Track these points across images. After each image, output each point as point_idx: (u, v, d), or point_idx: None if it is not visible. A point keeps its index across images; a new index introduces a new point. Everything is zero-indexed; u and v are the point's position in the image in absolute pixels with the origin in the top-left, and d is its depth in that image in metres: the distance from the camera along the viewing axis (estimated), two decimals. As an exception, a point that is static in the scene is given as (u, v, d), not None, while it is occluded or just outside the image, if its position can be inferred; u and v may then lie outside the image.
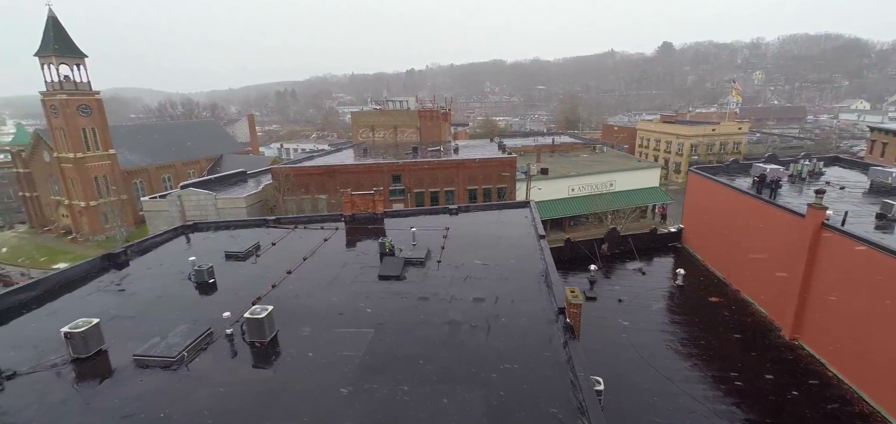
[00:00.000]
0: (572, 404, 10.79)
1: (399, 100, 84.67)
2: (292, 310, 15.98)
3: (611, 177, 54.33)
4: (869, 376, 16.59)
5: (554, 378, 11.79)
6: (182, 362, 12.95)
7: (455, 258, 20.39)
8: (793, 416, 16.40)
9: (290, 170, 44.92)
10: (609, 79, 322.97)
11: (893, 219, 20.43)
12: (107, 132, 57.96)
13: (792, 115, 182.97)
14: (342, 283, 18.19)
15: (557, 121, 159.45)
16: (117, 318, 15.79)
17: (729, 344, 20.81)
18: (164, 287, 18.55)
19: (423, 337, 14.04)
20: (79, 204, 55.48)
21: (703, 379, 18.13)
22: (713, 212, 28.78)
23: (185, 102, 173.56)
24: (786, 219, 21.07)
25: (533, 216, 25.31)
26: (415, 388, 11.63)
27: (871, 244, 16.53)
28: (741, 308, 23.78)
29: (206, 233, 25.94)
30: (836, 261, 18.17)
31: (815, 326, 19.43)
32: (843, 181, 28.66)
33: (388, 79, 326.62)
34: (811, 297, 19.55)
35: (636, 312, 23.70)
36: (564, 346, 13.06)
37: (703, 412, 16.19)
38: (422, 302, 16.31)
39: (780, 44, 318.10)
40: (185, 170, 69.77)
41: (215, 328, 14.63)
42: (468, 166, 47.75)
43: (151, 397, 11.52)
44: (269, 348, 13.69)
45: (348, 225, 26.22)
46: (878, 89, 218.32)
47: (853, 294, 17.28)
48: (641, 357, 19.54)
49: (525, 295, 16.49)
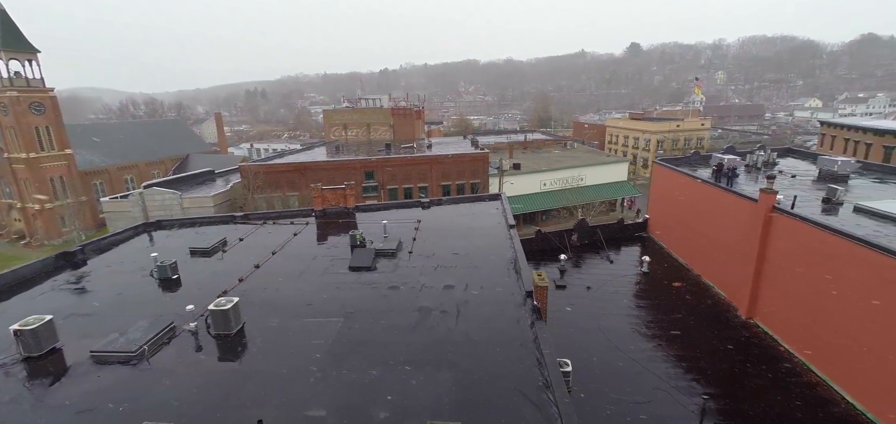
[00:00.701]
0: (538, 380, 11.08)
1: (372, 99, 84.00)
2: (260, 303, 15.74)
3: (581, 172, 55.60)
4: (815, 348, 17.66)
5: (521, 358, 12.06)
6: (143, 356, 12.58)
7: (426, 248, 20.50)
8: (748, 388, 17.29)
9: (260, 167, 43.97)
10: (580, 79, 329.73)
11: (838, 203, 21.75)
12: (63, 131, 55.16)
13: (751, 113, 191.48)
14: (312, 275, 18.01)
15: (530, 120, 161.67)
16: (73, 316, 15.17)
17: (689, 326, 21.70)
18: (124, 285, 17.91)
19: (393, 324, 14.10)
20: (33, 207, 52.60)
21: (665, 359, 18.86)
22: (676, 201, 29.90)
23: (149, 102, 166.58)
24: (740, 205, 22.14)
25: (504, 207, 25.68)
26: (384, 372, 11.68)
27: (815, 223, 17.60)
28: (702, 291, 24.83)
29: (171, 231, 25.14)
30: (785, 242, 19.24)
31: (768, 305, 20.50)
32: (795, 170, 30.28)
33: (361, 79, 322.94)
34: (764, 278, 20.62)
35: (603, 298, 24.39)
36: (531, 326, 13.37)
37: (665, 387, 16.85)
38: (392, 292, 16.35)
39: (740, 45, 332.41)
40: (148, 170, 67.13)
41: (179, 322, 14.29)
42: (441, 162, 47.95)
43: (110, 392, 11.15)
44: (236, 339, 13.44)
45: (319, 219, 25.93)
46: (830, 88, 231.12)
47: (800, 272, 18.34)
48: (608, 339, 20.15)
49: (495, 282, 16.75)
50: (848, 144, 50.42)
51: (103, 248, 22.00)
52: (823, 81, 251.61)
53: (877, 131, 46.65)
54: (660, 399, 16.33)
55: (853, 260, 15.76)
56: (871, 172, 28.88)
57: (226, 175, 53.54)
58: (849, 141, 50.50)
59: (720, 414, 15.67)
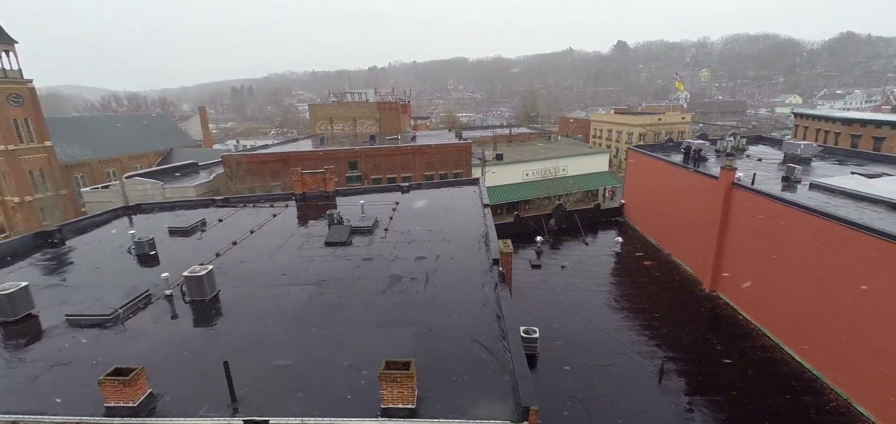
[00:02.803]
0: (495, 332, 11.74)
1: (358, 93, 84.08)
2: (236, 274, 16.19)
3: (563, 163, 56.58)
4: (768, 315, 18.64)
5: (482, 315, 12.71)
6: (118, 320, 12.98)
7: (402, 226, 21.06)
8: (706, 352, 18.19)
9: (243, 157, 44.07)
10: (568, 77, 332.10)
11: (796, 181, 22.80)
12: (42, 123, 54.44)
13: (733, 109, 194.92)
14: (288, 250, 18.48)
15: (517, 116, 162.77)
16: (50, 287, 15.49)
17: (657, 299, 22.60)
18: (101, 260, 18.20)
19: (364, 289, 14.65)
20: (12, 200, 51.93)
21: (631, 328, 19.70)
22: (649, 185, 30.87)
23: (132, 98, 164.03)
24: (704, 183, 23.09)
25: (480, 190, 26.33)
26: (351, 329, 12.25)
27: (769, 195, 18.57)
28: (670, 269, 25.78)
29: (151, 215, 25.34)
30: (743, 216, 20.21)
31: (728, 278, 21.48)
32: (763, 155, 31.43)
33: (350, 76, 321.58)
34: (726, 253, 21.58)
35: (576, 276, 25.20)
36: (495, 289, 14.01)
37: (628, 352, 17.67)
38: (365, 263, 16.89)
39: (723, 43, 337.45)
40: (131, 163, 66.48)
41: (155, 292, 14.67)
42: (425, 152, 48.51)
43: (84, 349, 11.57)
44: (210, 305, 13.89)
45: (299, 203, 26.32)
46: (810, 85, 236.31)
47: (756, 243, 19.30)
48: (577, 312, 20.94)
49: (465, 253, 17.38)
50: (819, 134, 52.14)
51: (82, 229, 22.17)
52: (804, 78, 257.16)
53: (844, 121, 48.38)
54: (622, 363, 17.12)
55: (799, 226, 16.72)
56: (832, 156, 30.12)
57: (209, 167, 53.41)
58: (820, 130, 52.22)
59: (678, 375, 16.51)
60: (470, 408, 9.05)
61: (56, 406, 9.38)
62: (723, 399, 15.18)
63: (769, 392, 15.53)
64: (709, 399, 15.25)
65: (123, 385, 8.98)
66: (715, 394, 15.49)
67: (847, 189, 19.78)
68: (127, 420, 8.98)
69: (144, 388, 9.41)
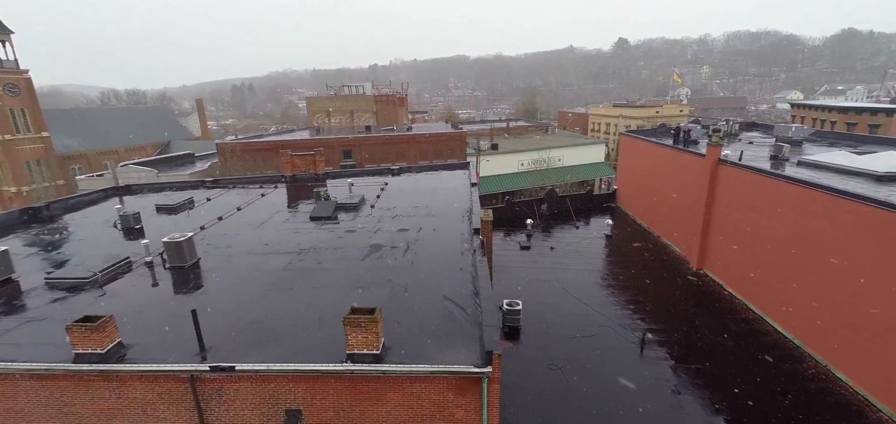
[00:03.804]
0: (469, 291, 11.77)
1: (356, 86, 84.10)
2: (219, 244, 16.25)
3: (559, 153, 56.42)
4: (751, 288, 18.64)
5: (458, 277, 12.73)
6: (96, 283, 13.04)
7: (389, 204, 21.09)
8: (689, 325, 18.20)
9: (237, 144, 44.17)
10: (568, 74, 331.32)
11: (784, 159, 22.74)
12: (39, 113, 54.60)
13: (734, 105, 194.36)
14: (273, 224, 18.54)
15: (516, 112, 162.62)
16: (32, 256, 15.56)
17: (643, 278, 22.60)
18: (87, 233, 18.28)
19: (344, 256, 14.70)
20: (8, 189, 52.15)
21: (616, 304, 19.71)
22: (640, 169, 30.84)
23: (132, 94, 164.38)
24: (692, 162, 23.07)
25: (470, 171, 26.34)
26: (328, 290, 12.29)
27: (753, 169, 18.56)
28: (659, 249, 25.77)
29: (140, 196, 25.42)
30: (729, 192, 20.18)
31: (714, 255, 21.47)
32: (755, 139, 31.37)
33: (350, 74, 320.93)
34: (712, 230, 21.57)
35: (565, 257, 25.22)
36: (473, 255, 14.03)
37: (610, 325, 17.69)
38: (348, 234, 16.93)
39: (725, 40, 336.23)
40: (129, 155, 66.58)
41: (136, 260, 14.74)
42: (419, 140, 48.50)
43: (60, 306, 11.64)
44: (190, 270, 13.95)
45: (289, 184, 26.36)
46: (811, 81, 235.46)
47: (741, 218, 19.29)
48: (563, 288, 20.96)
49: (448, 226, 17.39)
50: (816, 123, 51.91)
51: (70, 207, 22.26)
52: (805, 75, 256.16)
53: (840, 109, 48.22)
54: (604, 335, 17.15)
55: (781, 197, 16.71)
56: (824, 139, 30.03)
57: (206, 158, 53.56)
58: (816, 120, 52.00)
59: (660, 345, 16.52)
60: (436, 355, 9.09)
61: (25, 354, 9.44)
62: (702, 366, 15.20)
63: (750, 360, 15.54)
64: (689, 366, 15.27)
65: (92, 331, 9.04)
66: (695, 362, 15.51)
67: (834, 164, 19.73)
68: (94, 367, 9.04)
69: (114, 337, 9.47)
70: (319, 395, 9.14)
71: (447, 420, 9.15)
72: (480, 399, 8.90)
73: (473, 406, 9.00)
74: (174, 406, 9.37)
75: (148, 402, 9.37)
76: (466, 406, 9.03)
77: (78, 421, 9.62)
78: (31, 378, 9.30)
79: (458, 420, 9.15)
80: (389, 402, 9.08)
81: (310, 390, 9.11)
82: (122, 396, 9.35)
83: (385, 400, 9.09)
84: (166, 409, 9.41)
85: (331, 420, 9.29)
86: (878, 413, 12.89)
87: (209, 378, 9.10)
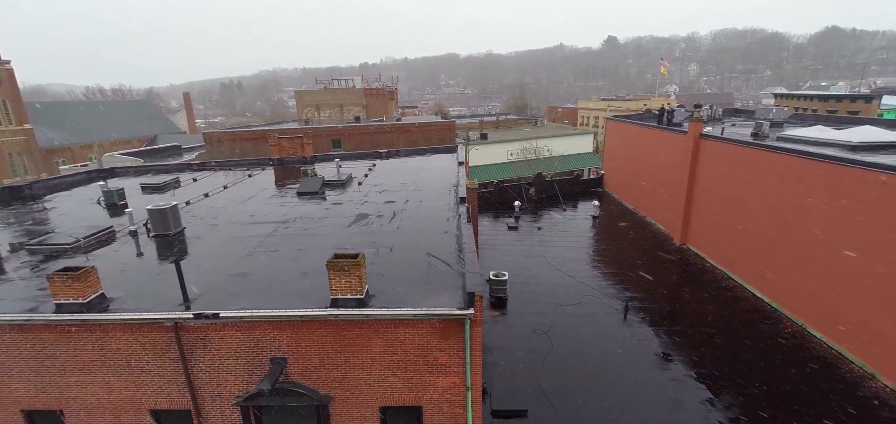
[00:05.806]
0: (453, 249, 11.93)
1: (345, 80, 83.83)
2: (204, 216, 16.22)
3: (548, 143, 56.86)
4: (730, 258, 19.08)
5: (442, 239, 12.88)
6: (79, 249, 12.96)
7: (376, 181, 21.16)
8: (672, 294, 18.55)
9: (224, 133, 43.82)
10: (559, 72, 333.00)
11: (764, 136, 23.23)
12: (21, 105, 53.64)
13: (721, 101, 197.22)
14: (259, 199, 18.53)
15: (507, 108, 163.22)
16: (13, 226, 15.40)
17: (627, 253, 22.95)
18: (70, 210, 18.10)
19: (330, 224, 14.78)
20: (-10, 184, 51.20)
21: (599, 277, 20.02)
22: (625, 151, 31.26)
23: (118, 90, 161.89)
24: (675, 139, 23.48)
25: (457, 153, 26.49)
26: (313, 251, 12.36)
27: (734, 141, 18.97)
28: (644, 227, 26.18)
29: (126, 178, 25.17)
30: (710, 165, 20.60)
31: (696, 230, 21.89)
32: (737, 122, 31.96)
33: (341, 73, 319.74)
34: (694, 205, 21.99)
35: (552, 236, 25.51)
36: (458, 220, 14.19)
37: (593, 294, 17.99)
38: (335, 206, 16.99)
39: (712, 37, 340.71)
40: (114, 149, 65.70)
41: (120, 231, 14.66)
42: (408, 130, 48.53)
43: (42, 269, 11.55)
44: (174, 239, 13.91)
45: (276, 167, 26.28)
46: (796, 78, 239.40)
47: (722, 190, 19.70)
48: (549, 263, 21.22)
49: (434, 198, 17.53)
50: (797, 112, 53.01)
51: (53, 187, 22.01)
52: (790, 72, 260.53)
53: (821, 97, 49.29)
54: (589, 303, 17.43)
55: (759, 165, 17.12)
56: (803, 122, 30.67)
57: (193, 150, 52.96)
58: (798, 108, 53.07)
59: (643, 312, 16.83)
60: (419, 301, 9.22)
61: (5, 308, 9.39)
62: (682, 328, 15.54)
63: (729, 321, 15.91)
64: (669, 328, 15.59)
65: (73, 280, 9.02)
66: (675, 325, 15.84)
67: (812, 137, 20.20)
68: (76, 316, 9.02)
69: (96, 287, 9.46)
70: (304, 342, 9.22)
71: (431, 365, 9.30)
72: (463, 343, 9.05)
73: (456, 349, 9.16)
74: (159, 356, 9.39)
75: (132, 353, 9.38)
76: (450, 350, 9.18)
77: (62, 374, 9.59)
78: (11, 329, 9.25)
79: (442, 365, 9.31)
80: (374, 347, 9.20)
81: (294, 337, 9.19)
82: (105, 347, 9.35)
83: (369, 346, 9.20)
84: (151, 359, 9.43)
85: (315, 367, 9.38)
86: (850, 365, 13.30)
87: (193, 327, 9.13)
